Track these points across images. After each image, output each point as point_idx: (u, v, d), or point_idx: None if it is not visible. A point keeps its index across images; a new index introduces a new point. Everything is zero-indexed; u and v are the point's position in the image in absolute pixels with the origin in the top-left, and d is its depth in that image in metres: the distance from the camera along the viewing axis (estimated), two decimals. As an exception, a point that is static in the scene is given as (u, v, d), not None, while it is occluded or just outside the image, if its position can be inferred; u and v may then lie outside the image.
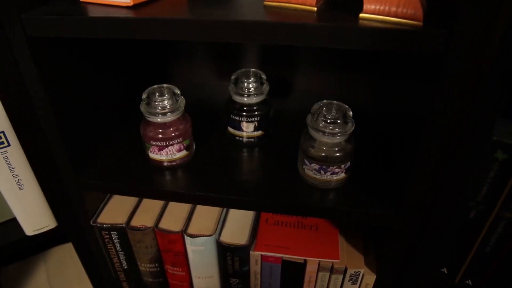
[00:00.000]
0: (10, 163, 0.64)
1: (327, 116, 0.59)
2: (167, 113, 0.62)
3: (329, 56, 0.88)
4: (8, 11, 0.50)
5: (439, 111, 0.46)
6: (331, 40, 0.44)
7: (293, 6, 0.48)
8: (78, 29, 0.50)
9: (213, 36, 0.46)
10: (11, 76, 0.55)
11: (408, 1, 0.43)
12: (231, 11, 0.48)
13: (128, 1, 0.51)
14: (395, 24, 0.43)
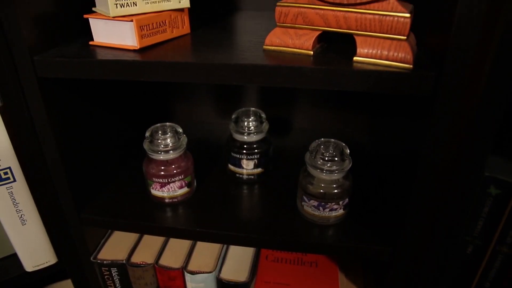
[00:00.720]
0: (14, 199, 0.65)
1: (324, 154, 0.61)
2: (169, 150, 0.64)
3: (327, 95, 0.91)
4: (22, 53, 0.53)
5: (431, 149, 0.48)
6: (327, 82, 0.46)
7: (291, 50, 0.51)
8: (87, 71, 0.53)
9: (215, 78, 0.49)
10: (21, 115, 0.57)
11: (399, 45, 0.46)
12: (232, 55, 0.51)
13: (135, 44, 0.54)
14: (387, 67, 0.46)
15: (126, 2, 0.54)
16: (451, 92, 0.44)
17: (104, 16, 0.55)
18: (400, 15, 0.45)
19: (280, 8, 0.50)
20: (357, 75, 0.46)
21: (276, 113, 0.96)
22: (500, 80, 0.43)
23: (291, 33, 0.51)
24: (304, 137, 0.92)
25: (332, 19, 0.48)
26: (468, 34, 0.41)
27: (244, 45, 0.56)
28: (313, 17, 0.49)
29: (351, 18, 0.47)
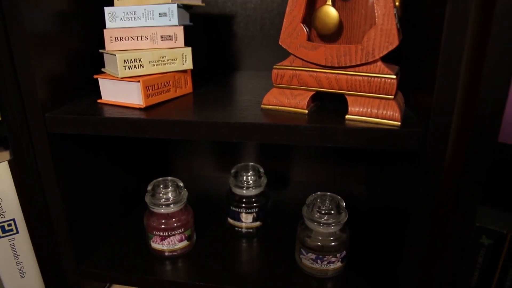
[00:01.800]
0: (15, 250, 0.66)
1: (321, 207, 0.63)
2: (170, 204, 0.66)
3: (323, 149, 0.94)
4: (35, 110, 0.57)
5: (422, 201, 0.50)
6: (321, 139, 0.49)
7: (287, 109, 0.55)
8: (95, 127, 0.56)
9: (216, 136, 0.52)
10: (29, 168, 0.60)
11: (387, 104, 0.50)
12: (232, 113, 0.55)
13: (140, 103, 0.58)
14: (377, 124, 0.49)
15: (134, 64, 0.58)
16: (437, 147, 0.47)
17: (112, 76, 0.60)
18: (387, 77, 0.49)
19: (276, 71, 0.54)
20: (349, 132, 0.49)
21: (274, 167, 0.98)
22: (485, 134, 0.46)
23: (287, 93, 0.55)
24: (302, 191, 0.93)
25: (324, 81, 0.52)
26: (449, 94, 0.45)
27: (243, 104, 0.59)
28: (307, 78, 0.53)
29: (342, 79, 0.51)
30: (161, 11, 0.61)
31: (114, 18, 0.62)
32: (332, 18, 0.49)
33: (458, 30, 0.43)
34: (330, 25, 0.50)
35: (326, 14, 0.50)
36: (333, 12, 0.49)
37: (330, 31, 0.50)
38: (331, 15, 0.49)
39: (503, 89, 0.43)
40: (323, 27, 0.50)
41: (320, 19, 0.50)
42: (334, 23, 0.50)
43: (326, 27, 0.50)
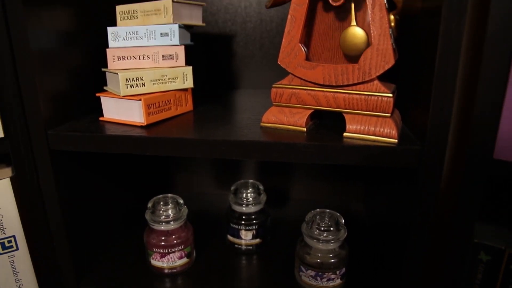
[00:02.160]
0: (15, 267, 0.66)
1: (320, 224, 0.63)
2: (170, 221, 0.66)
3: (322, 166, 0.95)
4: (38, 127, 0.57)
5: (420, 217, 0.51)
6: (319, 157, 0.50)
7: (286, 127, 0.56)
8: (97, 145, 0.56)
9: (216, 153, 0.53)
10: (31, 185, 0.60)
11: (384, 122, 0.50)
12: (232, 131, 0.55)
13: (142, 121, 0.59)
14: (374, 142, 0.50)
15: (136, 83, 0.59)
16: (434, 164, 0.48)
17: (114, 95, 0.61)
18: (383, 95, 0.50)
19: (275, 89, 0.56)
20: (347, 150, 0.49)
21: (274, 184, 0.99)
22: (480, 151, 0.46)
23: (286, 111, 0.56)
24: (301, 208, 0.94)
25: (322, 99, 0.53)
26: (445, 112, 0.46)
27: (243, 122, 0.60)
28: (306, 97, 0.54)
29: (340, 98, 0.52)
30: (163, 31, 0.62)
31: (117, 38, 0.64)
32: (360, 38, 0.50)
33: (452, 50, 0.44)
34: (360, 45, 0.50)
35: (354, 35, 0.50)
36: (360, 32, 0.49)
37: (360, 52, 0.50)
38: (359, 36, 0.50)
39: (497, 107, 0.44)
40: (352, 49, 0.50)
41: (349, 40, 0.50)
42: (363, 43, 0.50)
43: (356, 47, 0.50)
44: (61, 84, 0.61)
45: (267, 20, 0.87)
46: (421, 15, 0.52)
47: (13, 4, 0.52)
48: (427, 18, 0.49)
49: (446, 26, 0.44)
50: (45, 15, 0.56)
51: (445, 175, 0.49)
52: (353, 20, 0.50)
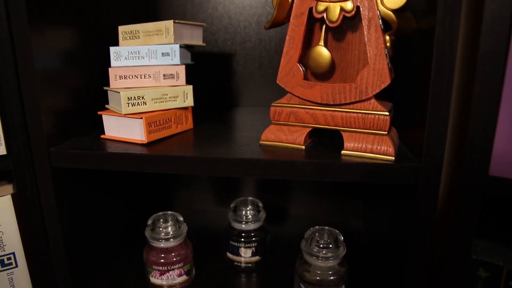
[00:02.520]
0: (13, 285, 0.66)
1: (319, 241, 0.64)
2: (170, 238, 0.67)
3: (321, 183, 0.95)
4: (40, 145, 0.58)
5: (418, 234, 0.51)
6: (318, 174, 0.51)
7: (285, 145, 0.57)
8: (98, 162, 0.57)
9: (215, 171, 0.54)
10: (31, 202, 0.61)
11: (381, 140, 0.51)
12: (231, 149, 0.56)
13: (143, 139, 0.60)
14: (371, 159, 0.51)
15: (137, 102, 0.60)
16: (431, 181, 0.49)
17: (116, 113, 0.62)
18: (380, 114, 0.51)
19: (274, 108, 0.57)
20: (345, 167, 0.50)
21: (273, 202, 0.99)
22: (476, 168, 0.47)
23: (285, 129, 0.57)
24: (300, 225, 0.94)
25: (320, 118, 0.54)
26: (440, 129, 0.47)
27: (242, 140, 0.61)
28: (304, 116, 0.55)
29: (338, 116, 0.53)
30: (164, 51, 0.64)
31: (119, 57, 0.65)
32: (325, 57, 0.52)
33: (446, 69, 0.45)
34: (323, 64, 0.52)
35: (319, 54, 0.52)
36: (325, 52, 0.52)
37: (323, 70, 0.53)
38: (324, 55, 0.52)
39: (491, 125, 0.45)
40: (316, 66, 0.53)
41: (314, 58, 0.53)
42: (326, 63, 0.52)
43: (320, 66, 0.53)
44: (63, 102, 0.62)
45: (266, 40, 0.89)
46: (416, 35, 0.53)
47: (19, 23, 0.53)
48: (422, 38, 0.50)
49: (440, 46, 0.45)
50: (49, 35, 0.58)
51: (443, 191, 0.50)
52: (321, 40, 0.52)
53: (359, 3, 0.49)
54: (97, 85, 0.69)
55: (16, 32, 0.54)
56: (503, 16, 0.41)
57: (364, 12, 0.49)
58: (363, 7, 0.49)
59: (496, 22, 0.42)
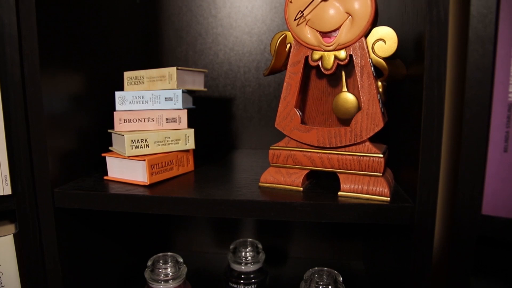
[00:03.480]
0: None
1: (319, 282, 0.64)
2: (169, 280, 0.67)
3: (320, 224, 0.96)
4: (45, 185, 0.60)
5: (415, 274, 0.52)
6: (315, 215, 0.52)
7: (283, 187, 0.58)
8: (101, 203, 0.58)
9: (215, 213, 0.55)
10: (33, 242, 0.61)
11: (376, 181, 0.53)
12: (231, 191, 0.58)
13: (145, 181, 0.61)
14: (368, 200, 0.52)
15: (140, 144, 0.62)
16: (426, 221, 0.50)
17: (119, 155, 0.64)
18: (375, 156, 0.53)
19: (273, 151, 0.59)
20: (341, 208, 0.52)
21: (272, 243, 0.99)
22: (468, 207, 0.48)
23: (283, 172, 0.58)
24: (299, 266, 0.94)
25: (317, 160, 0.56)
26: (432, 170, 0.48)
27: (242, 182, 0.63)
28: (302, 158, 0.57)
29: (334, 159, 0.55)
30: (167, 96, 0.67)
31: (124, 102, 0.68)
32: (351, 102, 0.54)
33: (435, 112, 0.47)
34: (351, 109, 0.54)
35: (345, 100, 0.54)
36: (351, 97, 0.54)
37: (351, 115, 0.54)
38: (350, 100, 0.54)
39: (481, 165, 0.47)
40: (344, 112, 0.54)
41: (340, 105, 0.54)
42: (354, 107, 0.54)
43: (348, 112, 0.54)
44: (69, 144, 0.64)
45: (265, 85, 0.92)
46: (406, 81, 0.56)
47: (31, 68, 0.56)
48: (412, 84, 0.53)
49: (428, 91, 0.47)
50: (58, 79, 0.61)
51: (440, 231, 0.51)
52: (344, 86, 0.55)
53: (352, 52, 0.53)
54: (101, 128, 0.72)
55: (27, 76, 0.57)
56: (485, 66, 0.44)
57: (356, 60, 0.53)
58: (356, 56, 0.52)
59: (479, 70, 0.45)
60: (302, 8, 0.54)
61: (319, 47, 0.54)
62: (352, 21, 0.51)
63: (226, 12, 0.92)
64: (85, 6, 0.67)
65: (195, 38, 0.94)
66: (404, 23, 0.58)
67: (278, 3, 0.90)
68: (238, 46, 0.92)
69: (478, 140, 0.46)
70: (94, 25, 0.70)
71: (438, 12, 0.46)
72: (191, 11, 0.93)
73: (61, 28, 0.61)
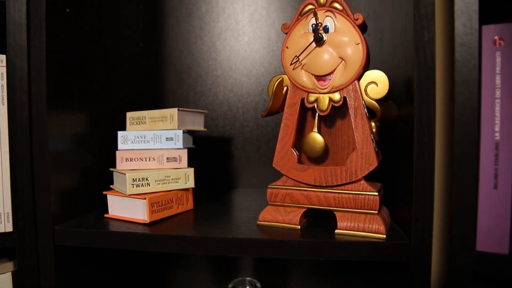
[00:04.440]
0: None
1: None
2: (167, 320, 0.66)
3: (318, 262, 0.95)
4: (46, 223, 0.60)
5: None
6: (313, 253, 0.53)
7: (281, 225, 0.59)
8: (101, 241, 0.59)
9: (214, 251, 0.56)
10: (31, 280, 0.61)
11: (372, 219, 0.54)
12: (230, 229, 0.59)
13: (145, 219, 0.62)
14: (364, 238, 0.53)
15: (141, 183, 0.64)
16: (421, 258, 0.50)
17: (120, 193, 0.65)
18: (370, 194, 0.54)
19: (271, 190, 0.60)
20: (339, 246, 0.52)
21: (271, 281, 0.98)
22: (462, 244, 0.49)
23: (281, 210, 0.60)
24: (299, 307, 0.93)
25: (314, 199, 0.57)
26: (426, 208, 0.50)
27: (240, 220, 0.63)
28: (299, 197, 0.58)
29: (330, 197, 0.56)
30: (168, 136, 0.69)
31: (126, 141, 0.70)
32: (319, 143, 0.57)
33: (426, 151, 0.49)
34: (317, 149, 0.57)
35: (313, 140, 0.57)
36: (319, 138, 0.57)
37: (317, 154, 0.57)
38: (318, 141, 0.57)
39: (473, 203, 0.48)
40: (312, 151, 0.57)
41: (308, 144, 0.57)
42: (320, 147, 0.57)
43: (314, 151, 0.57)
44: (71, 182, 0.65)
45: (263, 125, 0.95)
46: (398, 122, 0.58)
47: (39, 109, 0.59)
48: (403, 124, 0.55)
49: (419, 131, 0.50)
50: (63, 119, 0.63)
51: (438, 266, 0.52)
52: (315, 126, 0.57)
53: (346, 94, 0.55)
54: (103, 166, 0.73)
55: (35, 117, 0.59)
56: (472, 106, 0.47)
57: (350, 102, 0.55)
58: (349, 98, 0.55)
59: (466, 110, 0.47)
60: (297, 53, 0.57)
61: (314, 90, 0.57)
62: (345, 65, 0.54)
63: (225, 55, 0.96)
64: (91, 49, 0.71)
65: (196, 80, 0.97)
66: (395, 67, 0.61)
67: (275, 47, 0.94)
68: (237, 87, 0.96)
69: (469, 178, 0.48)
70: (99, 67, 0.73)
71: (425, 57, 0.49)
72: (192, 54, 0.97)
73: (67, 71, 0.64)
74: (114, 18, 0.81)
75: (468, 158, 0.48)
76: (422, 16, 0.49)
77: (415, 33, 0.50)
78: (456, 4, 0.47)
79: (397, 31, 0.60)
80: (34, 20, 0.58)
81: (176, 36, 0.97)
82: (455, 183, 0.48)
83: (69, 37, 0.64)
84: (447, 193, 0.51)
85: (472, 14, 0.46)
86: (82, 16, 0.68)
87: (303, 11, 0.58)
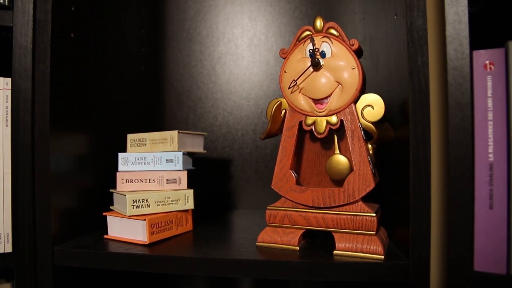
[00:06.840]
0: None
1: None
2: None
3: (317, 283, 0.95)
4: (45, 244, 0.60)
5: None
6: (311, 274, 0.53)
7: (280, 246, 0.59)
8: (101, 261, 0.59)
9: (213, 272, 0.56)
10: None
11: (370, 239, 0.55)
12: (229, 250, 0.59)
13: (145, 240, 0.62)
14: (362, 258, 0.54)
15: (141, 204, 0.64)
16: (420, 278, 0.51)
17: (120, 214, 0.65)
18: (367, 215, 0.55)
19: (269, 211, 0.61)
20: (337, 267, 0.53)
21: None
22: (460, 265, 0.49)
23: (280, 231, 0.60)
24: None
25: (313, 220, 0.58)
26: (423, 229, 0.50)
27: (239, 242, 0.64)
28: (297, 218, 0.59)
29: (328, 218, 0.57)
30: (168, 158, 0.70)
31: (126, 162, 0.71)
32: (343, 164, 0.57)
33: (422, 172, 0.50)
34: (343, 171, 0.57)
35: (337, 162, 0.57)
36: (343, 159, 0.57)
37: (343, 176, 0.57)
38: (342, 162, 0.57)
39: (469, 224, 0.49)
40: (337, 174, 0.57)
41: (332, 167, 0.57)
42: (345, 168, 0.56)
43: (340, 173, 0.57)
44: (71, 203, 0.66)
45: (262, 147, 0.96)
46: (395, 143, 0.59)
47: (42, 130, 0.60)
48: (399, 145, 0.57)
49: (415, 152, 0.51)
50: (65, 140, 0.64)
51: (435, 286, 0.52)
52: (336, 149, 0.58)
53: (343, 117, 0.57)
54: (103, 187, 0.74)
55: (37, 138, 0.60)
56: (465, 128, 0.48)
57: (347, 124, 0.56)
58: (346, 121, 0.56)
59: (460, 132, 0.48)
60: (295, 77, 0.58)
61: (312, 113, 0.58)
62: (342, 89, 0.56)
63: (225, 78, 0.98)
64: (94, 72, 0.73)
65: (195, 103, 0.99)
66: (391, 90, 0.63)
67: (274, 71, 0.96)
68: (236, 110, 0.97)
69: (464, 198, 0.49)
70: (100, 90, 0.75)
71: (419, 81, 0.50)
72: (192, 77, 0.99)
73: (70, 93, 0.65)
74: (117, 42, 0.83)
75: (464, 179, 0.49)
76: (415, 42, 0.51)
77: (409, 58, 0.51)
78: (448, 30, 0.48)
79: (392, 55, 0.62)
80: (40, 45, 0.59)
81: (176, 59, 0.99)
82: (451, 203, 0.49)
83: (72, 61, 0.66)
84: (444, 213, 0.52)
85: (463, 40, 0.48)
86: (86, 41, 0.70)
87: (300, 37, 0.60)
